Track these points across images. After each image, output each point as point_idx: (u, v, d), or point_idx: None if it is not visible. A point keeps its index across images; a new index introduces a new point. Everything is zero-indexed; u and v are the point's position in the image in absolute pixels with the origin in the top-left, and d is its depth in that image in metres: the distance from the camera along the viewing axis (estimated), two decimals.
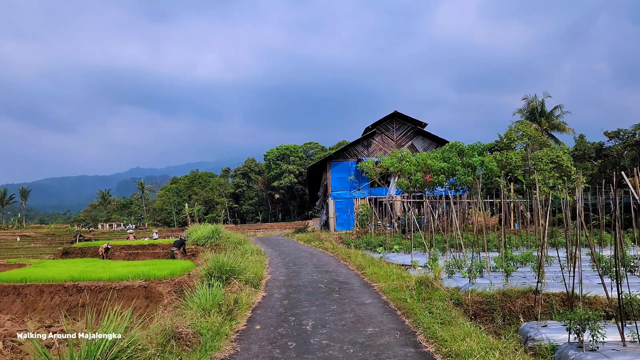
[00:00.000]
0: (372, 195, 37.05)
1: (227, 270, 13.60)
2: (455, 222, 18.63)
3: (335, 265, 18.33)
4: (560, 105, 55.01)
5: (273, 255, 22.04)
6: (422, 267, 18.85)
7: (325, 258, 20.70)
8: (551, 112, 55.27)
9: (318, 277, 15.33)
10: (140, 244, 33.03)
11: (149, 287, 13.98)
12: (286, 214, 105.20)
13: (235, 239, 27.60)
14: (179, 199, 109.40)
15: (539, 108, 55.95)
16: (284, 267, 17.73)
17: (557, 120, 54.91)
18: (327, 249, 23.98)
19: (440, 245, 21.21)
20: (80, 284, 15.38)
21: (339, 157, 38.17)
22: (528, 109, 57.18)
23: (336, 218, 37.55)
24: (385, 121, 38.69)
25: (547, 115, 54.94)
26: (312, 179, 46.22)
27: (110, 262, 25.34)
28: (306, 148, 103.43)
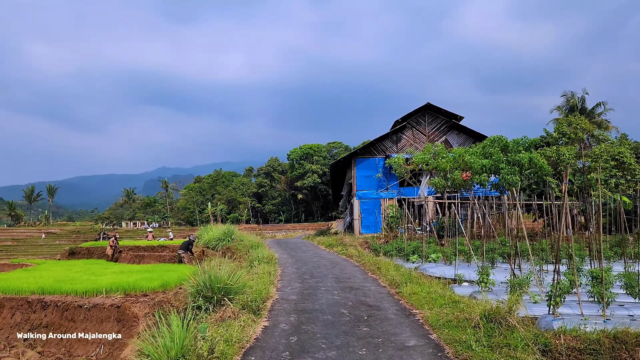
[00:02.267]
0: (401, 195, 33.22)
1: (219, 288, 10.11)
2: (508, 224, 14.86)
3: (362, 278, 14.67)
4: (604, 102, 50.13)
5: (287, 264, 18.48)
6: (469, 282, 15.08)
7: (349, 268, 17.04)
8: (592, 110, 50.47)
9: (340, 296, 11.70)
10: (150, 245, 29.95)
11: (122, 307, 10.60)
12: (309, 214, 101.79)
13: (248, 242, 24.23)
14: (202, 198, 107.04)
15: (579, 105, 51.23)
16: (298, 281, 14.14)
17: (599, 118, 50.02)
18: (352, 256, 20.31)
19: (489, 255, 17.33)
20: (47, 298, 12.12)
21: (365, 154, 34.46)
22: (567, 106, 52.44)
23: (361, 220, 33.84)
24: (417, 114, 34.82)
25: (588, 113, 50.17)
26: (336, 178, 42.58)
27: (108, 267, 22.22)
28: (330, 147, 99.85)
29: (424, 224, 30.72)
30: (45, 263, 26.96)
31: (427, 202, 30.65)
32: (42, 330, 11.48)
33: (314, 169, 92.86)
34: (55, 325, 11.33)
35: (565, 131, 29.35)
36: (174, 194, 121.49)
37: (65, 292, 12.62)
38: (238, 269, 15.65)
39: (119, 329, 10.38)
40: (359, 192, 34.05)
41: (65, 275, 16.62)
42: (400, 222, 27.94)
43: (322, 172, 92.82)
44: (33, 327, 11.64)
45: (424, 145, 33.92)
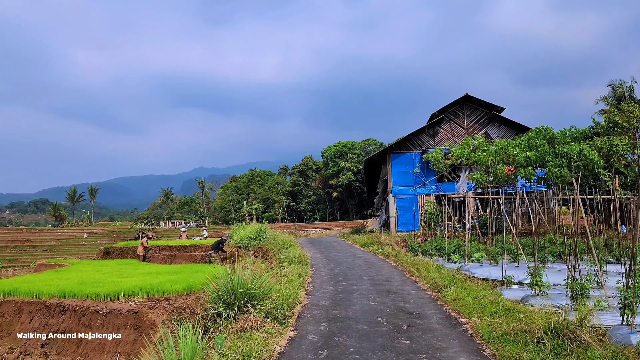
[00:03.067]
0: (439, 191, 31.64)
1: (242, 293, 9.11)
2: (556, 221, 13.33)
3: (400, 281, 13.43)
4: None
5: (320, 264, 17.37)
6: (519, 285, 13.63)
7: (385, 269, 15.80)
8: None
9: (377, 302, 10.52)
10: (183, 245, 29.51)
11: (139, 314, 9.75)
12: (344, 212, 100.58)
13: (280, 242, 23.28)
14: (237, 197, 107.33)
15: (627, 94, 48.13)
16: (331, 284, 13.01)
17: None
18: (388, 255, 19.04)
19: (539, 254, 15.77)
20: (65, 302, 11.43)
21: (400, 148, 33.02)
22: (614, 96, 49.35)
23: (397, 217, 32.44)
24: (455, 106, 33.13)
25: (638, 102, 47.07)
26: (371, 174, 41.23)
27: (138, 267, 21.72)
28: (364, 145, 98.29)
29: (464, 221, 29.10)
30: (79, 263, 26.80)
31: (467, 198, 29.04)
32: (60, 336, 10.78)
33: (348, 166, 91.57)
34: (72, 331, 10.60)
35: (617, 120, 27.13)
36: (211, 194, 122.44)
37: (85, 295, 11.93)
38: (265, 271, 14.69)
39: (135, 336, 9.53)
40: (395, 188, 32.66)
41: (91, 277, 16.06)
42: (439, 219, 26.44)
43: (357, 169, 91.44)
44: (51, 332, 10.96)
45: (462, 138, 32.23)
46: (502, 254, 14.93)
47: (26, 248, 69.39)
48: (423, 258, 19.27)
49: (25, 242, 72.43)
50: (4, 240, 72.40)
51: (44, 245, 71.53)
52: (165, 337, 7.48)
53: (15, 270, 39.24)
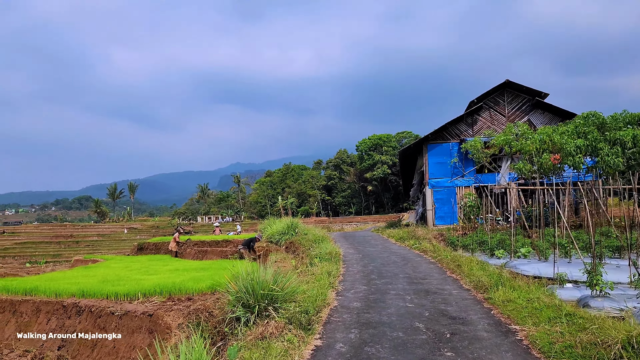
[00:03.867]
0: (479, 182, 30.02)
1: (263, 295, 8.15)
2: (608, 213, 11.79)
3: (440, 279, 12.21)
4: None
5: (353, 261, 16.27)
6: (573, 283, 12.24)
7: (423, 266, 14.58)
8: None
9: (414, 303, 9.38)
10: (215, 240, 29.01)
11: (154, 316, 8.95)
12: (380, 206, 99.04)
13: (312, 236, 22.32)
14: (273, 191, 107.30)
15: None
16: (364, 282, 11.92)
17: None
18: (426, 250, 17.76)
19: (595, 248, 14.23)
20: (82, 302, 10.78)
21: (437, 139, 31.49)
22: None
23: (435, 210, 31.01)
24: (494, 93, 31.33)
25: None
26: (406, 166, 39.78)
27: (167, 263, 21.20)
28: (399, 137, 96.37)
29: (507, 214, 27.46)
30: (112, 259, 26.63)
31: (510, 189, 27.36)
32: (76, 338, 10.13)
33: (383, 159, 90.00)
34: (88, 333, 9.93)
35: None
36: (246, 189, 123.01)
37: (105, 295, 11.27)
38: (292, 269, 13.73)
39: (150, 340, 8.74)
40: (432, 180, 31.20)
41: (117, 274, 15.51)
42: (479, 212, 24.92)
43: (392, 162, 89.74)
44: (68, 332, 10.33)
45: (503, 127, 30.46)
46: (555, 249, 13.47)
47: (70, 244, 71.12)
48: (463, 253, 17.95)
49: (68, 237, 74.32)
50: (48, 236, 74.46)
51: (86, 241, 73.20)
52: (175, 347, 6.62)
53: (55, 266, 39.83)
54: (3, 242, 68.54)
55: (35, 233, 77.48)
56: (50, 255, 61.54)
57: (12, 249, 64.82)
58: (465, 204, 25.22)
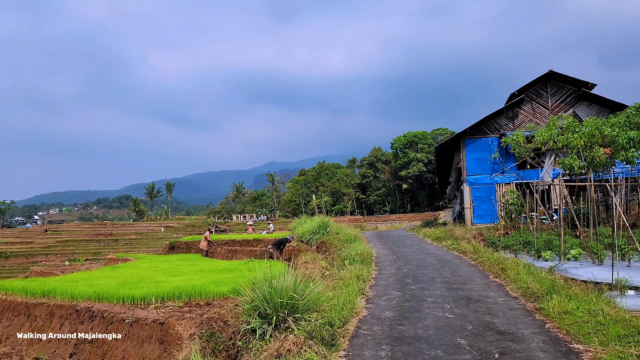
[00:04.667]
0: (520, 178, 28.32)
1: (282, 304, 7.21)
2: None
3: (482, 284, 10.98)
4: None
5: (386, 262, 15.15)
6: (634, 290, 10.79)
7: (463, 269, 13.34)
8: None
9: (454, 314, 8.24)
10: (246, 239, 28.39)
11: (165, 325, 8.14)
12: (415, 204, 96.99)
13: (344, 236, 21.31)
14: (307, 190, 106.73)
15: None
16: (397, 287, 10.81)
17: None
18: (465, 252, 16.45)
19: None
20: (95, 307, 10.10)
21: (475, 133, 29.90)
22: None
23: (473, 209, 29.45)
24: (537, 85, 29.49)
25: None
26: (442, 163, 38.20)
27: (195, 264, 20.61)
28: (435, 134, 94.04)
29: (551, 212, 25.71)
30: (143, 258, 26.34)
31: (555, 186, 25.60)
32: (87, 346, 9.46)
33: (418, 157, 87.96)
34: (99, 341, 9.24)
35: None
36: (281, 187, 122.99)
37: (121, 298, 10.58)
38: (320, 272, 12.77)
39: (160, 352, 7.94)
40: (470, 177, 29.65)
41: (140, 275, 14.92)
42: (522, 210, 23.31)
43: (428, 160, 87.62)
44: (79, 341, 9.67)
45: (546, 120, 28.63)
46: (614, 251, 11.99)
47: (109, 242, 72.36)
48: (506, 254, 16.58)
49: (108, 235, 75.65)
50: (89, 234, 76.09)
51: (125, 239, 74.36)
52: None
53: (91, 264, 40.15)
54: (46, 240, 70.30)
55: (77, 231, 79.34)
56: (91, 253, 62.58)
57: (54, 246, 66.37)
58: (507, 202, 23.66)
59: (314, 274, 13.16)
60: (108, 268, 19.61)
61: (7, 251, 61.17)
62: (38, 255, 62.17)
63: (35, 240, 68.99)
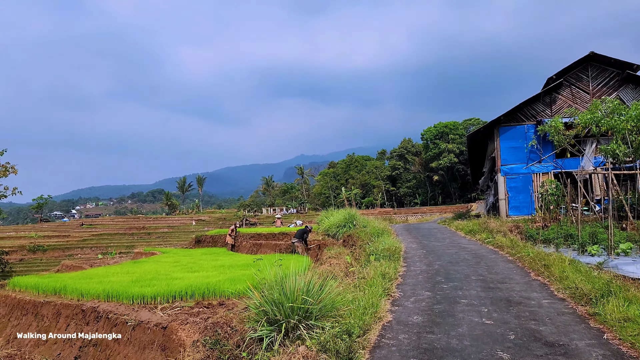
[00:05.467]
0: (559, 168, 26.59)
1: (293, 309, 6.28)
2: None
3: (523, 283, 9.78)
4: None
5: (415, 258, 14.05)
6: None
7: (500, 265, 12.13)
8: None
9: (493, 319, 7.14)
10: (272, 233, 27.69)
11: (168, 329, 7.34)
12: (446, 196, 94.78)
13: (372, 229, 20.28)
14: (336, 183, 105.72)
15: None
16: (427, 287, 9.73)
17: None
18: (502, 246, 15.17)
19: None
20: (101, 307, 9.42)
21: (510, 121, 28.26)
22: None
23: (508, 200, 27.89)
24: (577, 68, 27.58)
25: None
26: (475, 153, 36.53)
27: (217, 258, 19.98)
28: (467, 125, 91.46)
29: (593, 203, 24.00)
30: (168, 252, 25.96)
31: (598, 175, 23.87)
32: (91, 349, 8.78)
33: (450, 148, 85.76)
34: (103, 344, 8.54)
35: None
36: (310, 180, 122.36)
37: (130, 297, 9.89)
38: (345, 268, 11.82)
39: (161, 359, 7.14)
40: (505, 166, 28.07)
41: (155, 272, 14.30)
42: (561, 200, 21.74)
43: (459, 151, 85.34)
44: (84, 343, 9.01)
45: (586, 105, 26.75)
46: None
47: (142, 235, 73.16)
48: (545, 249, 15.23)
49: (141, 229, 76.51)
50: (123, 228, 77.11)
51: (157, 232, 75.08)
52: None
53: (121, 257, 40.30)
54: (82, 234, 71.54)
55: (111, 225, 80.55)
56: (124, 246, 63.27)
57: (89, 240, 67.48)
58: (546, 192, 22.10)
59: (337, 271, 12.21)
60: (129, 263, 19.17)
61: (44, 244, 62.45)
62: (74, 248, 63.31)
63: (72, 234, 70.31)
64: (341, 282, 9.27)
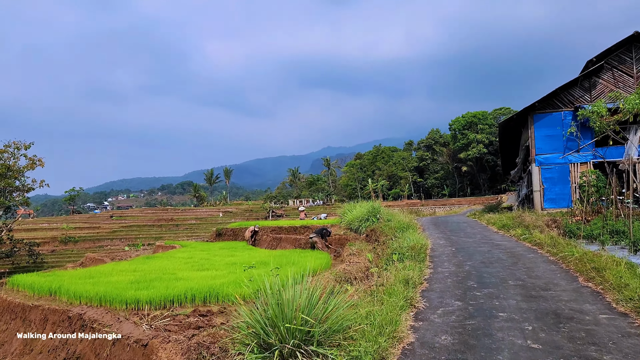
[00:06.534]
0: (599, 157, 24.54)
1: (292, 331, 5.00)
2: None
3: (571, 291, 8.26)
4: None
5: (443, 257, 12.57)
6: None
7: (540, 267, 10.57)
8: None
9: (541, 342, 5.70)
10: (293, 226, 26.54)
11: (149, 348, 6.19)
12: (475, 187, 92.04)
13: (397, 223, 18.87)
14: (363, 174, 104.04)
15: None
16: (457, 294, 8.30)
17: None
18: (541, 244, 13.52)
19: None
20: (88, 314, 8.36)
21: (545, 107, 26.24)
22: None
23: (543, 192, 25.96)
24: (619, 49, 25.32)
25: None
26: (506, 142, 34.48)
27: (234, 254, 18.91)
28: (497, 114, 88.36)
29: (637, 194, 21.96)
30: (187, 246, 25.11)
31: None
32: None
33: (478, 138, 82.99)
34: (86, 358, 7.47)
35: None
36: (337, 172, 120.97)
37: (124, 302, 8.82)
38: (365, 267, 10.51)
39: None
40: (539, 156, 26.11)
41: (162, 270, 13.27)
42: (604, 192, 19.84)
43: (489, 141, 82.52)
44: (68, 355, 7.96)
45: (630, 89, 24.55)
46: None
47: (170, 227, 73.32)
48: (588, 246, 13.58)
49: (169, 221, 76.72)
50: (152, 219, 77.46)
51: (185, 224, 75.15)
52: None
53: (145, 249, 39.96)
54: (112, 225, 72.11)
55: (140, 217, 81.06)
56: (153, 237, 63.33)
57: (119, 231, 67.93)
58: (588, 183, 20.20)
59: (355, 271, 10.91)
60: (141, 258, 18.29)
61: (75, 236, 63.09)
62: (104, 240, 63.79)
63: (102, 226, 70.93)
64: (357, 290, 7.97)
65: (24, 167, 36.77)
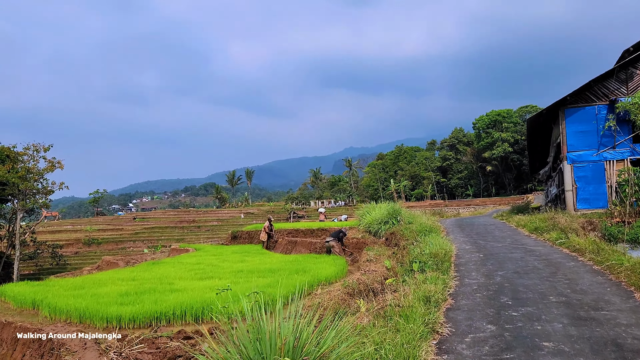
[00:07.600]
0: (638, 154, 22.62)
1: None
2: None
3: (629, 312, 6.75)
4: None
5: (470, 265, 11.10)
6: None
7: (585, 279, 9.05)
8: None
9: None
10: (309, 229, 25.33)
11: None
12: (500, 187, 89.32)
13: (418, 226, 17.45)
14: (385, 174, 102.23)
15: None
16: (489, 315, 6.88)
17: None
18: (581, 250, 11.89)
19: None
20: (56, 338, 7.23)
21: (577, 101, 24.38)
22: None
23: (576, 191, 24.11)
24: None
25: None
26: (534, 139, 32.53)
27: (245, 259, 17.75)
28: (522, 112, 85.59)
29: None
30: (200, 249, 24.13)
31: None
32: None
33: (503, 137, 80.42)
34: None
35: None
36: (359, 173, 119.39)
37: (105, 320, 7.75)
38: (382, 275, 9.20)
39: None
40: (572, 153, 24.26)
41: (162, 278, 12.17)
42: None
43: (514, 140, 79.87)
44: None
45: None
46: None
47: (192, 228, 73.04)
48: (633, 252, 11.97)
49: (191, 222, 76.44)
50: (174, 221, 77.30)
51: (207, 226, 74.75)
52: None
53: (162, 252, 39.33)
54: (134, 227, 72.17)
55: (163, 218, 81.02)
56: (175, 239, 62.98)
57: (142, 233, 67.87)
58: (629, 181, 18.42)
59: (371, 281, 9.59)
60: (147, 264, 17.28)
61: (99, 238, 63.19)
62: (126, 241, 63.73)
63: (125, 227, 71.02)
64: (368, 309, 6.67)
65: (43, 169, 36.46)
